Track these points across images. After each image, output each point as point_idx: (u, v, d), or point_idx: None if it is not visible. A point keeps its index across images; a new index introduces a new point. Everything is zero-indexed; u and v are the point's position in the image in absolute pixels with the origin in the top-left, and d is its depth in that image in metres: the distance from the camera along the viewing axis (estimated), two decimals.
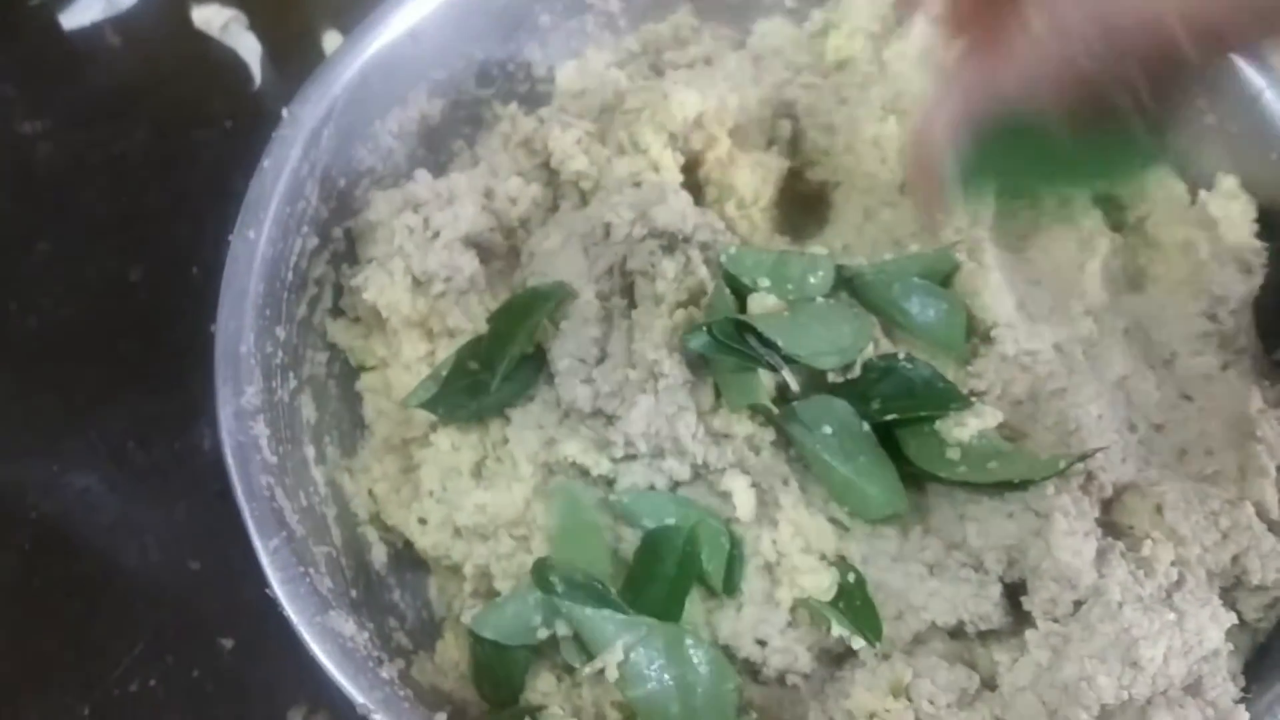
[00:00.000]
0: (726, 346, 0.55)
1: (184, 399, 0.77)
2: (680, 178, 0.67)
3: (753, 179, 0.68)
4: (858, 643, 0.52)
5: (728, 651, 0.56)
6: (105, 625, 0.73)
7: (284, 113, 0.65)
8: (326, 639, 0.53)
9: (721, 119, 0.68)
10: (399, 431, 0.66)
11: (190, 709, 0.71)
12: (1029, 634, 0.50)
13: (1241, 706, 0.48)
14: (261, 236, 0.62)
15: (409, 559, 0.66)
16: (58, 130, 0.89)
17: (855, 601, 0.53)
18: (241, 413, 0.57)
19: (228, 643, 0.72)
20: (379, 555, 0.64)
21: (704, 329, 0.55)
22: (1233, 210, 0.64)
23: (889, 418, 0.56)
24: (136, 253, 0.84)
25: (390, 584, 0.64)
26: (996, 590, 0.53)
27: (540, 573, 0.56)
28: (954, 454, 0.54)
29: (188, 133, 0.89)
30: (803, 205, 0.73)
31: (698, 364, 0.58)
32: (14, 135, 0.89)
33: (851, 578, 0.53)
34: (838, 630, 0.52)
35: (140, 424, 0.79)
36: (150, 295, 0.83)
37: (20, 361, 0.81)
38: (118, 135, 0.88)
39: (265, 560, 0.54)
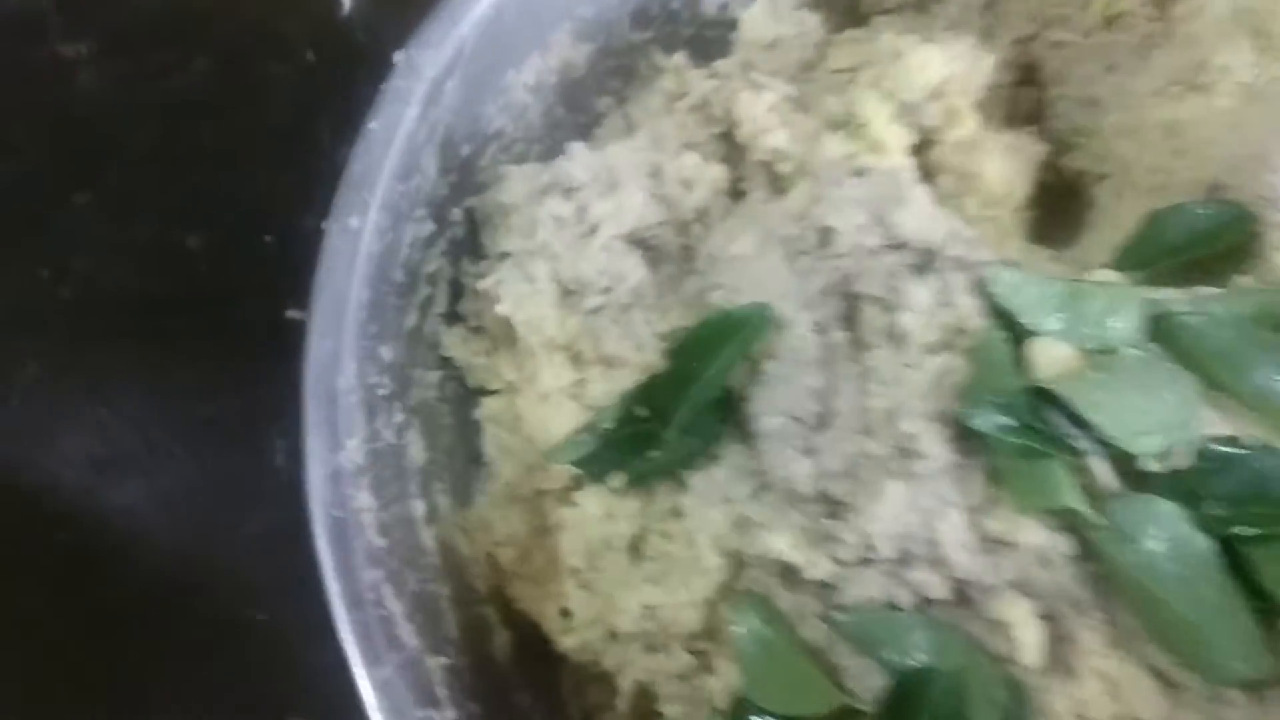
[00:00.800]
0: (1020, 426, 0.39)
1: (251, 398, 0.63)
2: (912, 164, 0.51)
3: (1005, 168, 0.52)
4: None
5: None
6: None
7: (396, 59, 0.49)
8: None
9: (967, 88, 0.52)
10: (530, 480, 0.51)
11: None
12: None
13: None
14: (367, 224, 0.46)
15: (536, 648, 0.50)
16: (102, 56, 0.73)
17: None
18: (340, 475, 0.42)
19: None
20: (502, 644, 0.49)
21: (989, 401, 0.39)
22: None
23: (1236, 530, 0.40)
24: (195, 213, 0.69)
25: (515, 683, 0.49)
26: None
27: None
28: None
29: (259, 65, 0.74)
30: (1044, 203, 0.56)
31: (963, 440, 0.42)
32: (51, 58, 0.73)
33: None
34: None
35: (194, 427, 0.64)
36: (211, 267, 0.68)
37: (52, 341, 0.67)
38: (174, 65, 0.73)
39: (371, 699, 0.39)
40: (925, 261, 0.45)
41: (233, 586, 0.60)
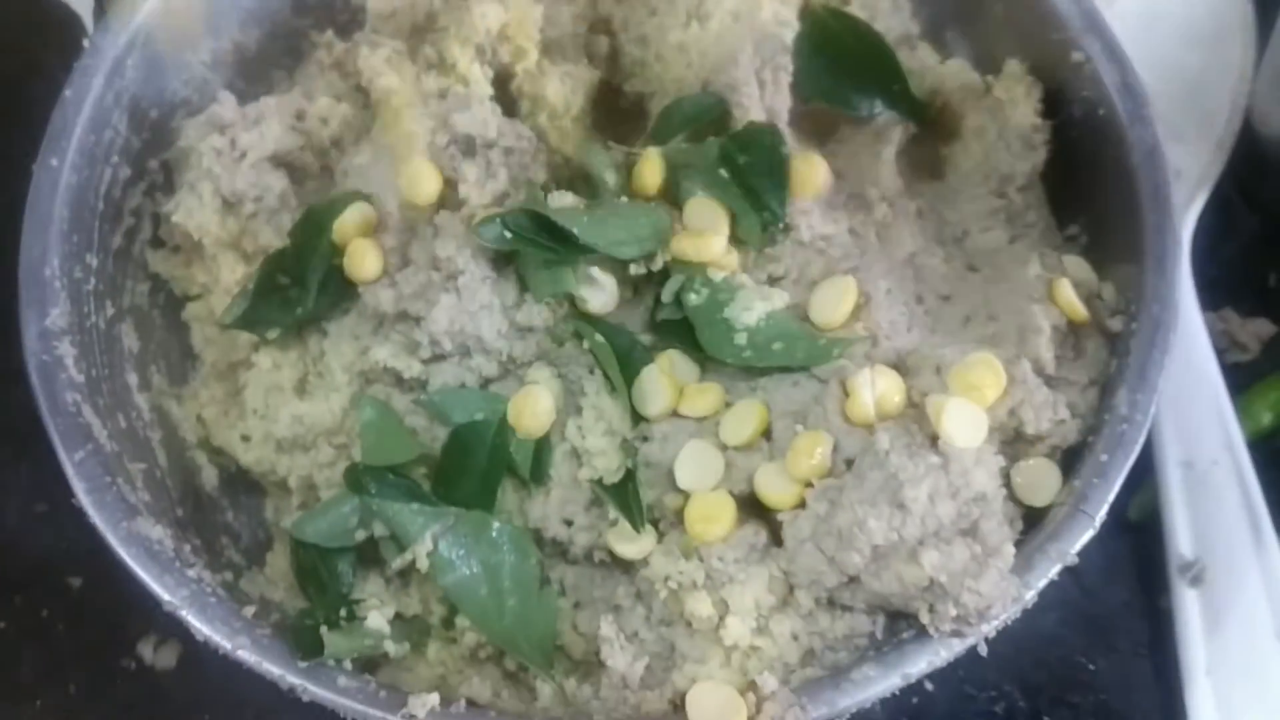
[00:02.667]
0: (522, 238, 0.57)
1: None
2: (490, 91, 0.68)
3: (563, 89, 0.69)
4: (623, 531, 0.54)
5: (538, 534, 0.57)
6: None
7: (84, 42, 0.65)
8: (132, 543, 0.54)
9: (526, 30, 0.69)
10: (226, 356, 0.67)
11: (42, 646, 0.72)
12: (808, 491, 0.52)
13: (1009, 543, 0.51)
14: (65, 164, 0.62)
15: (245, 482, 0.66)
16: None
17: (629, 491, 0.55)
18: (46, 333, 0.58)
19: (75, 581, 0.73)
20: (209, 478, 0.66)
21: (496, 220, 0.57)
22: (1017, 92, 0.66)
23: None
24: None
25: (223, 505, 0.65)
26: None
27: (352, 476, 0.57)
28: (741, 339, 0.56)
29: (19, 88, 0.88)
30: (625, 119, 0.74)
31: (500, 261, 0.59)
32: None
33: (630, 464, 0.55)
34: (612, 514, 0.55)
35: None
36: None
37: None
38: None
39: (70, 470, 0.55)
40: (471, 147, 0.62)
41: (16, 485, 0.74)
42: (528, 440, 0.57)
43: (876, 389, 0.53)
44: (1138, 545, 0.71)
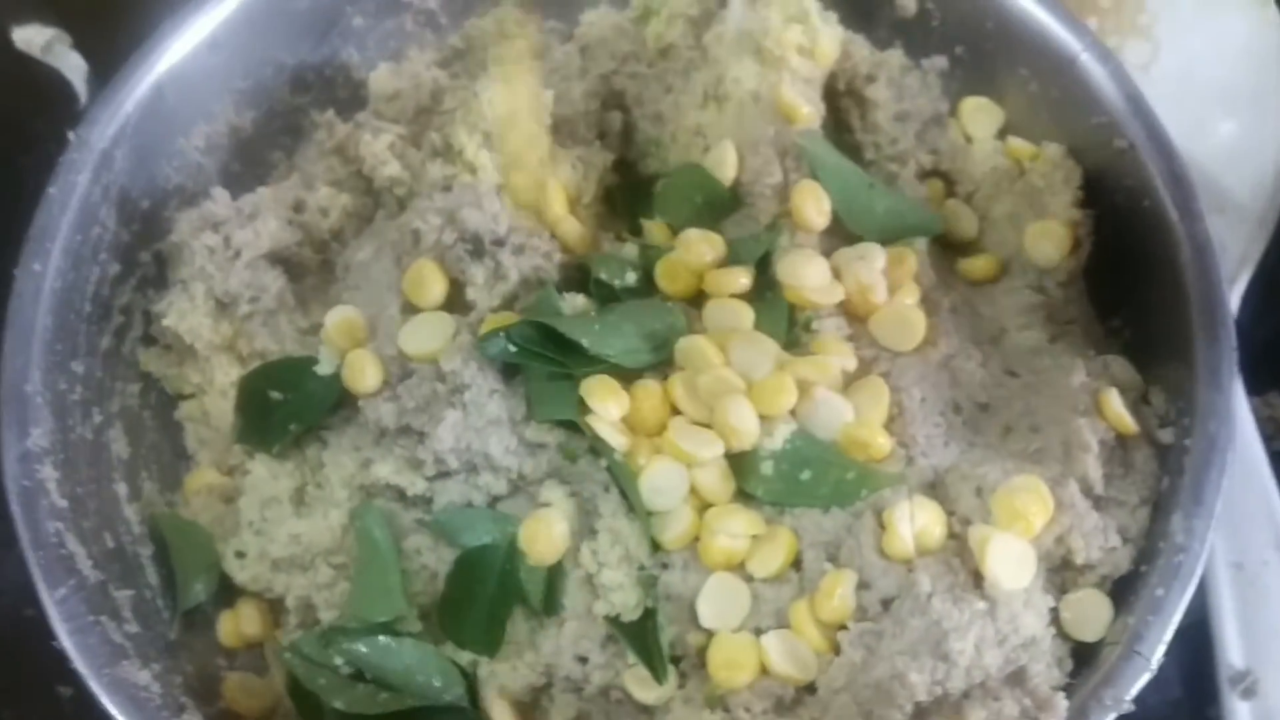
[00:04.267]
0: (528, 352, 0.53)
1: None
2: (498, 179, 0.64)
3: (574, 176, 0.66)
4: (641, 675, 0.51)
5: (550, 671, 0.54)
6: None
7: (70, 136, 0.62)
8: (117, 690, 0.50)
9: (537, 115, 0.66)
10: (222, 460, 0.64)
11: None
12: (841, 634, 0.49)
13: (1060, 694, 0.47)
14: (49, 268, 0.59)
15: (236, 592, 0.63)
16: None
17: (650, 634, 0.51)
18: (27, 456, 0.54)
19: (67, 691, 0.69)
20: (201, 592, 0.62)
21: (501, 334, 0.53)
22: (1055, 178, 0.62)
23: None
24: None
25: (217, 619, 0.62)
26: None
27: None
28: (768, 467, 0.52)
29: (10, 159, 0.85)
30: (634, 198, 0.71)
31: (509, 371, 0.56)
32: None
33: (650, 602, 0.52)
34: (632, 659, 0.51)
35: None
36: None
37: None
38: None
39: (51, 611, 0.51)
40: (479, 248, 0.59)
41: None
42: (539, 567, 0.54)
43: (916, 523, 0.49)
44: (1184, 651, 0.67)
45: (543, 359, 0.54)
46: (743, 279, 0.56)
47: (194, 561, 0.59)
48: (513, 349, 0.53)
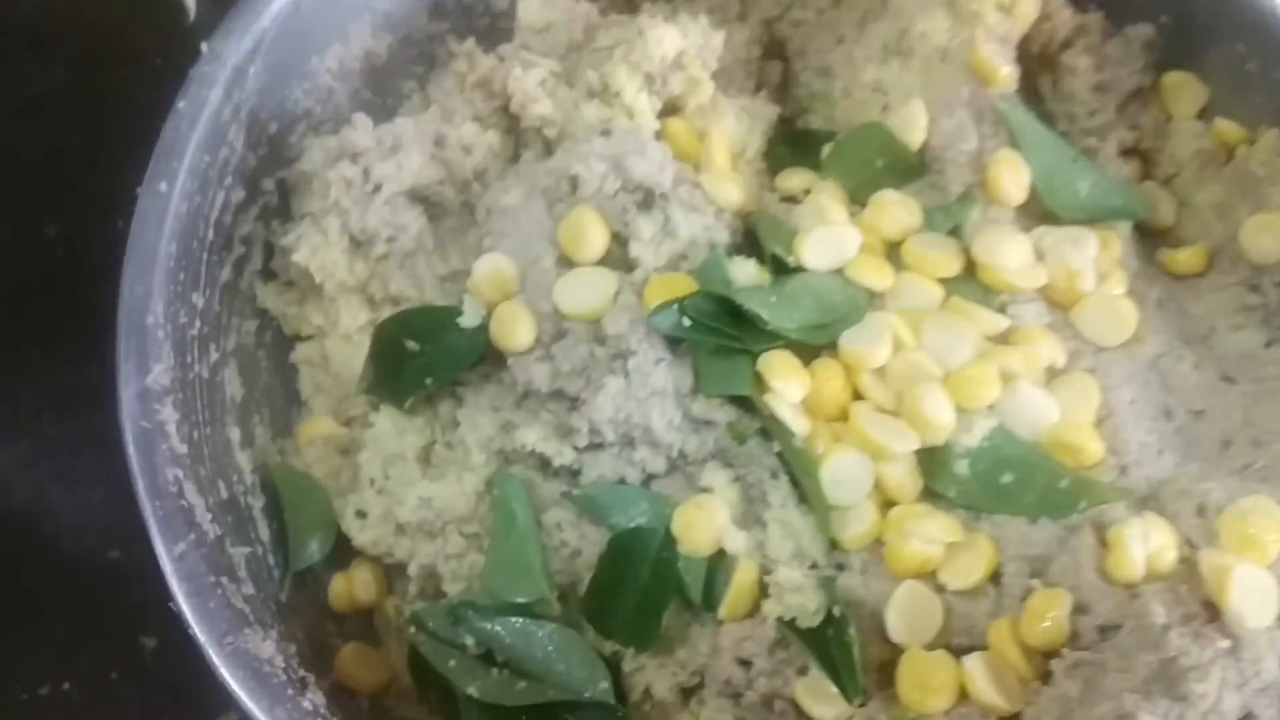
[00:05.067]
0: (702, 327, 0.48)
1: (103, 369, 0.69)
2: (657, 125, 0.59)
3: (738, 128, 0.61)
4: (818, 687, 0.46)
5: (704, 672, 0.49)
6: (11, 620, 0.65)
7: (203, 47, 0.57)
8: (238, 663, 0.46)
9: (705, 60, 0.60)
10: (340, 409, 0.59)
11: (107, 716, 0.64)
12: (1055, 662, 0.43)
13: None
14: (175, 189, 0.54)
15: (350, 553, 0.58)
16: None
17: (837, 644, 0.45)
18: (146, 394, 0.50)
19: (150, 642, 0.65)
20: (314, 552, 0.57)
21: (675, 305, 0.48)
22: (1277, 166, 0.56)
23: None
24: (54, 205, 0.75)
25: (328, 580, 0.57)
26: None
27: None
28: (962, 466, 0.47)
29: (113, 71, 0.80)
30: (793, 156, 0.65)
31: (672, 340, 0.50)
32: None
33: (838, 611, 0.46)
34: (815, 673, 0.45)
35: (56, 396, 0.71)
36: (67, 252, 0.74)
37: None
38: (34, 72, 0.79)
39: (169, 567, 0.47)
40: (649, 200, 0.53)
41: (93, 526, 0.67)
42: (697, 557, 0.48)
43: (1149, 544, 0.43)
44: None
45: (717, 334, 0.48)
46: (954, 262, 0.51)
47: (309, 518, 0.55)
48: (687, 323, 0.48)
